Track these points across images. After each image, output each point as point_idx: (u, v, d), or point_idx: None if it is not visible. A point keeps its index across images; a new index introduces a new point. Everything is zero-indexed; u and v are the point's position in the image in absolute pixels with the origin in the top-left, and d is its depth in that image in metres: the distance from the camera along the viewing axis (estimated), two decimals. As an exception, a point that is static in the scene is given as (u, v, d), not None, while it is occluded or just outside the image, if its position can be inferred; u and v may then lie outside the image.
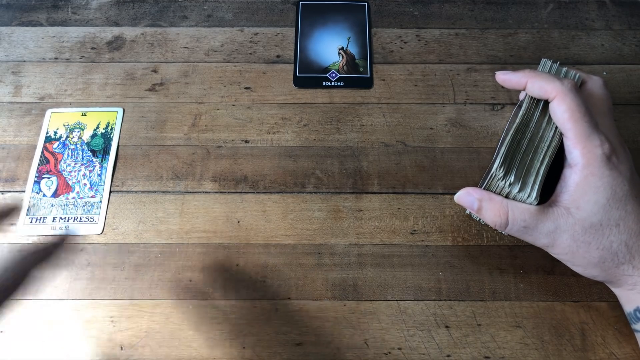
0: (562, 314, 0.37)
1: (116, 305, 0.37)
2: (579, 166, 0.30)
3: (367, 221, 0.40)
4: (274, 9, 0.49)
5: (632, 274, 0.31)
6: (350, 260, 0.38)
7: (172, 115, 0.44)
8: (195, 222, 0.40)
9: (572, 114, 0.30)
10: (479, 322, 0.36)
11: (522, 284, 0.38)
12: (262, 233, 0.39)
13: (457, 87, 0.45)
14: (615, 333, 0.36)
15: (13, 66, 0.46)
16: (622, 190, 0.30)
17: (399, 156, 0.42)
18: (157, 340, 0.36)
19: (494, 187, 0.33)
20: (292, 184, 0.41)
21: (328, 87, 0.45)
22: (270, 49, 0.47)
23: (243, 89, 0.45)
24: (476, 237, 0.39)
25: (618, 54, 0.47)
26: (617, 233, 0.30)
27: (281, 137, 0.43)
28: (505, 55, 0.47)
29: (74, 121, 0.44)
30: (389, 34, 0.48)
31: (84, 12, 0.49)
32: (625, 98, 0.45)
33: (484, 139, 0.43)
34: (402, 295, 0.37)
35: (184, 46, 0.47)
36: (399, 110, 0.44)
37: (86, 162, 0.42)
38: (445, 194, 0.41)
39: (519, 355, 0.35)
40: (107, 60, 0.47)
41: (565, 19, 0.49)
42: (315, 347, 0.36)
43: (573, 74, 0.34)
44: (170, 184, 0.41)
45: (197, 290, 0.37)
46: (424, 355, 0.35)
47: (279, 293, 0.37)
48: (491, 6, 0.50)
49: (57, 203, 0.40)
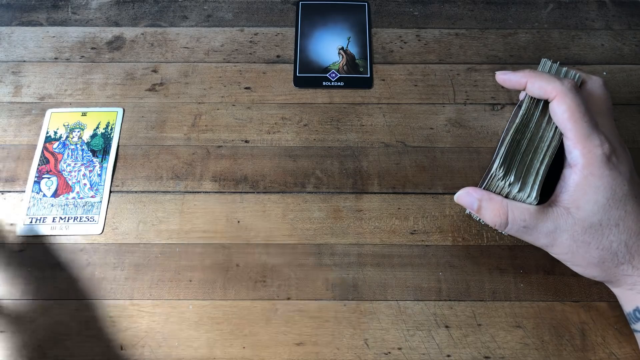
0: (562, 314, 0.37)
1: (116, 305, 0.37)
2: (579, 166, 0.30)
3: (367, 221, 0.40)
4: (274, 9, 0.49)
5: (632, 274, 0.31)
6: (350, 260, 0.38)
7: (172, 115, 0.44)
8: (195, 222, 0.40)
9: (572, 114, 0.30)
10: (479, 322, 0.36)
11: (522, 284, 0.38)
12: (262, 233, 0.39)
13: (457, 87, 0.45)
14: (615, 333, 0.36)
15: (13, 66, 0.46)
16: (622, 190, 0.30)
17: (399, 156, 0.42)
18: (157, 340, 0.36)
19: (493, 187, 0.33)
20: (292, 184, 0.41)
21: (328, 87, 0.45)
22: (270, 49, 0.47)
23: (243, 89, 0.45)
24: (476, 237, 0.39)
25: (618, 54, 0.47)
26: (616, 233, 0.30)
27: (281, 137, 0.43)
28: (505, 55, 0.47)
29: (74, 121, 0.44)
30: (389, 34, 0.48)
31: (84, 12, 0.49)
32: (625, 98, 0.45)
33: (484, 139, 0.43)
34: (402, 295, 0.37)
35: (184, 46, 0.47)
36: (399, 110, 0.44)
37: (86, 162, 0.42)
38: (445, 194, 0.41)
39: (519, 355, 0.35)
40: (107, 60, 0.47)
41: (565, 19, 0.49)
42: (315, 347, 0.36)
43: (573, 74, 0.34)
44: (170, 184, 0.41)
45: (197, 290, 0.37)
46: (424, 355, 0.35)
47: (279, 293, 0.37)
48: (491, 6, 0.50)
49: (57, 203, 0.40)
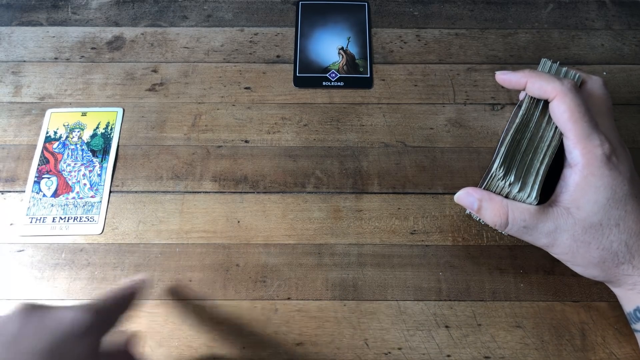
0: (562, 314, 0.37)
1: (116, 305, 0.37)
2: (579, 166, 0.30)
3: (367, 221, 0.40)
4: (274, 9, 0.49)
5: (632, 273, 0.31)
6: (350, 260, 0.38)
7: (172, 115, 0.44)
8: (195, 222, 0.40)
9: (572, 114, 0.30)
10: (479, 322, 0.36)
11: (522, 284, 0.38)
12: (262, 233, 0.39)
13: (457, 87, 0.45)
14: (615, 333, 0.36)
15: (13, 66, 0.46)
16: (622, 190, 0.30)
17: (399, 156, 0.42)
18: (157, 340, 0.36)
19: (493, 187, 0.33)
20: (292, 184, 0.41)
21: (328, 87, 0.45)
22: (270, 49, 0.47)
23: (243, 89, 0.45)
24: (476, 237, 0.39)
25: (618, 54, 0.47)
26: (617, 233, 0.30)
27: (281, 137, 0.43)
28: (505, 55, 0.47)
29: (74, 121, 0.44)
30: (389, 34, 0.48)
31: (84, 12, 0.49)
32: (625, 98, 0.45)
33: (484, 139, 0.43)
34: (402, 295, 0.37)
35: (184, 46, 0.47)
36: (399, 110, 0.44)
37: (86, 162, 0.42)
38: (445, 194, 0.41)
39: (519, 355, 0.35)
40: (107, 60, 0.47)
41: (565, 19, 0.49)
42: (315, 347, 0.36)
43: (573, 74, 0.34)
44: (170, 184, 0.41)
45: (197, 290, 0.37)
46: (424, 355, 0.35)
47: (279, 293, 0.37)
48: (491, 6, 0.50)
49: (57, 203, 0.40)
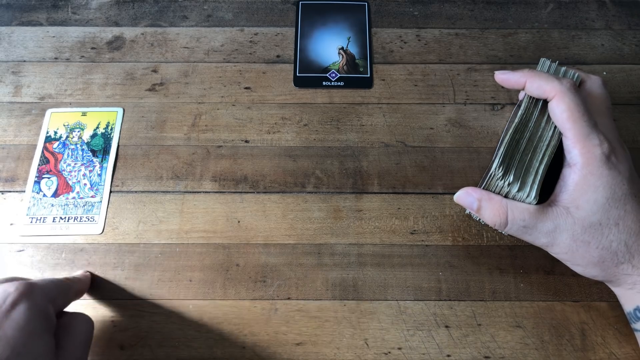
0: (562, 314, 0.37)
1: (116, 305, 0.37)
2: (578, 165, 0.30)
3: (367, 221, 0.40)
4: (274, 9, 0.49)
5: (632, 273, 0.31)
6: (350, 260, 0.38)
7: (172, 115, 0.44)
8: (195, 222, 0.40)
9: (571, 113, 0.30)
10: (479, 322, 0.36)
11: (522, 284, 0.38)
12: (262, 233, 0.39)
13: (457, 87, 0.45)
14: (615, 333, 0.36)
15: (13, 66, 0.46)
16: (621, 190, 0.30)
17: (399, 156, 0.42)
18: (157, 340, 0.36)
19: (493, 186, 0.33)
20: (292, 184, 0.41)
21: (328, 87, 0.45)
22: (270, 49, 0.47)
23: (243, 89, 0.45)
24: (476, 237, 0.39)
25: (618, 54, 0.47)
26: (616, 232, 0.30)
27: (281, 137, 0.43)
28: (505, 55, 0.47)
29: (74, 121, 0.44)
30: (389, 34, 0.48)
31: (84, 12, 0.49)
32: (625, 98, 0.45)
33: (484, 139, 0.43)
34: (402, 295, 0.37)
35: (184, 46, 0.47)
36: (399, 110, 0.44)
37: (86, 162, 0.42)
38: (445, 194, 0.41)
39: (519, 355, 0.35)
40: (107, 60, 0.47)
41: (565, 19, 0.49)
42: (315, 347, 0.36)
43: (572, 74, 0.34)
44: (170, 184, 0.41)
45: (197, 290, 0.37)
46: (424, 355, 0.35)
47: (279, 293, 0.37)
48: (491, 6, 0.50)
49: (57, 203, 0.40)
